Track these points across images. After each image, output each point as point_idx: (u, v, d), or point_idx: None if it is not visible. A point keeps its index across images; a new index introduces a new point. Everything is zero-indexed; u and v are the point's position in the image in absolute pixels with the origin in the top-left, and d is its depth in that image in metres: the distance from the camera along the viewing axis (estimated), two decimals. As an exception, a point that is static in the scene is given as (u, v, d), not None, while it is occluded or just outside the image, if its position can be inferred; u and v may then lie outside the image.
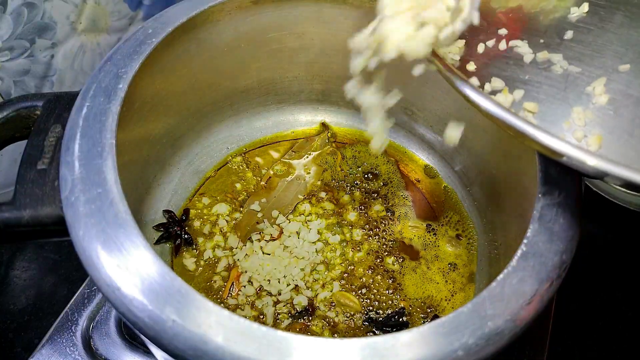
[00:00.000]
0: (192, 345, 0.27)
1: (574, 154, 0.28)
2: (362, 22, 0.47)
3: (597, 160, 0.27)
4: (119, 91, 0.35)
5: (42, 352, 0.46)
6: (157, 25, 0.40)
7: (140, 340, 0.47)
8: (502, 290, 0.30)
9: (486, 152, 0.48)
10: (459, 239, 0.50)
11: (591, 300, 0.57)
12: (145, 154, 0.46)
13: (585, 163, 0.28)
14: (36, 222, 0.32)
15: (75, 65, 0.59)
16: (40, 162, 0.34)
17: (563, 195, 0.34)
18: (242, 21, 0.46)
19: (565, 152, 0.28)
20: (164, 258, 0.47)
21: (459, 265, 0.48)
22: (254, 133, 0.57)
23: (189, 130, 0.52)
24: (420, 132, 0.56)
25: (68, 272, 0.58)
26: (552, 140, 0.28)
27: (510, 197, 0.44)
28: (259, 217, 0.50)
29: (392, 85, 0.38)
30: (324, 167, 0.54)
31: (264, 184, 0.53)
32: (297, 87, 0.56)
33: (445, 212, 0.52)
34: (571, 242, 0.33)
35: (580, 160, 0.28)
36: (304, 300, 0.45)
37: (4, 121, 0.37)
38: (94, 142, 0.33)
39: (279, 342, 0.27)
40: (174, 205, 0.51)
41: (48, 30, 0.54)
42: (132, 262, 0.29)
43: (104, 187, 0.31)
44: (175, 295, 0.28)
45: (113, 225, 0.30)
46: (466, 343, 0.28)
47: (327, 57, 0.52)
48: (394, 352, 0.27)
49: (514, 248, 0.33)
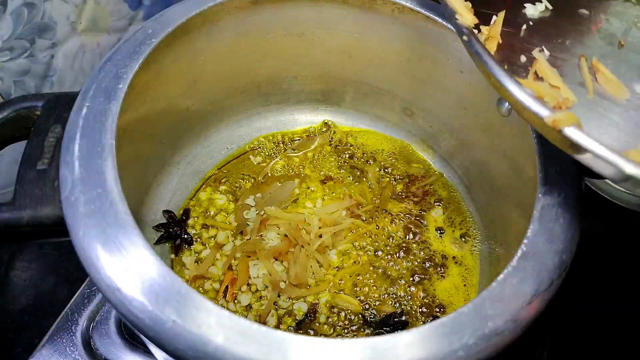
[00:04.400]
0: (192, 345, 0.27)
1: (604, 154, 0.25)
2: (362, 22, 0.48)
3: (635, 169, 0.24)
4: (119, 91, 0.35)
5: (42, 352, 0.46)
6: (157, 25, 0.40)
7: (140, 340, 0.47)
8: (502, 290, 0.30)
9: (486, 152, 0.48)
10: (462, 239, 0.50)
11: (591, 300, 0.57)
12: (145, 154, 0.46)
13: (622, 169, 0.24)
14: (36, 223, 0.32)
15: (75, 65, 0.59)
16: (40, 162, 0.34)
17: (563, 195, 0.34)
18: (242, 21, 0.46)
19: (592, 150, 0.25)
20: (164, 258, 0.47)
21: (462, 264, 0.48)
22: (254, 133, 0.57)
23: (189, 130, 0.52)
24: (420, 132, 0.56)
25: (68, 272, 0.58)
26: (577, 134, 0.25)
27: (511, 197, 0.44)
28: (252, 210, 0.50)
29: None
30: (323, 165, 0.54)
31: (261, 179, 0.53)
32: (297, 87, 0.56)
33: (448, 214, 0.52)
34: (571, 242, 0.33)
35: (614, 163, 0.25)
36: (304, 307, 0.45)
37: (4, 121, 0.37)
38: (93, 142, 0.33)
39: (279, 343, 0.27)
40: (174, 205, 0.51)
41: (48, 30, 0.54)
42: (132, 262, 0.29)
43: (103, 187, 0.31)
44: (175, 295, 0.28)
45: (113, 226, 0.30)
46: (466, 343, 0.28)
47: (327, 57, 0.52)
48: (394, 352, 0.27)
49: (514, 248, 0.33)
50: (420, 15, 0.44)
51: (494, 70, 0.28)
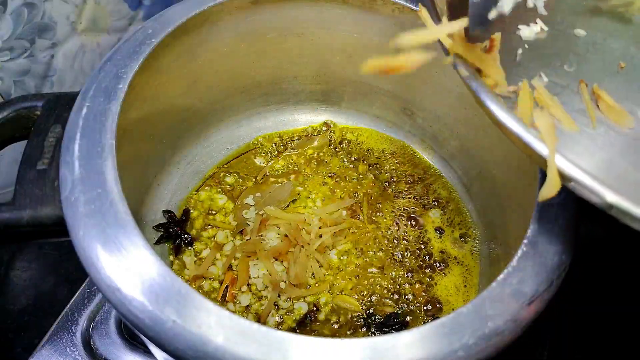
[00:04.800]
0: (192, 345, 0.27)
1: (587, 182, 0.25)
2: (362, 22, 0.48)
3: (616, 197, 0.24)
4: (119, 91, 0.35)
5: (42, 352, 0.46)
6: (157, 25, 0.40)
7: (140, 340, 0.47)
8: (502, 290, 0.30)
9: (486, 152, 0.48)
10: (462, 239, 0.50)
11: (591, 300, 0.57)
12: (145, 154, 0.46)
13: (603, 197, 0.25)
14: (36, 223, 0.32)
15: (75, 65, 0.59)
16: (40, 162, 0.34)
17: (563, 196, 0.34)
18: (242, 21, 0.46)
19: (576, 178, 0.25)
20: (164, 258, 0.47)
21: (462, 264, 0.48)
22: (254, 133, 0.57)
23: (189, 130, 0.52)
24: (420, 132, 0.56)
25: (68, 272, 0.58)
26: (563, 162, 0.25)
27: (510, 197, 0.44)
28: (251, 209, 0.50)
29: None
30: (323, 165, 0.54)
31: (261, 179, 0.53)
32: (297, 87, 0.56)
33: (448, 214, 0.52)
34: (571, 242, 0.33)
35: (595, 191, 0.25)
36: (304, 307, 0.45)
37: (4, 121, 0.37)
38: (93, 142, 0.33)
39: (279, 343, 0.27)
40: (174, 205, 0.51)
41: (48, 30, 0.54)
42: (132, 262, 0.29)
43: (103, 187, 0.31)
44: (175, 295, 0.28)
45: (113, 226, 0.30)
46: (466, 343, 0.28)
47: (327, 57, 0.52)
48: (394, 353, 0.27)
49: (514, 248, 0.33)
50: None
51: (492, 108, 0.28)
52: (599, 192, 0.25)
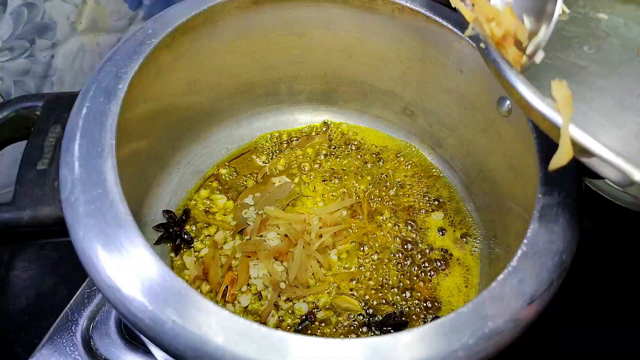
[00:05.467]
0: (193, 345, 0.27)
1: (612, 159, 0.24)
2: (362, 22, 0.48)
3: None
4: (119, 91, 0.35)
5: (42, 352, 0.47)
6: (157, 25, 0.40)
7: (140, 340, 0.47)
8: (502, 290, 0.30)
9: (486, 152, 0.48)
10: (463, 239, 0.50)
11: (591, 300, 0.57)
12: (145, 154, 0.46)
13: (631, 177, 0.24)
14: (36, 223, 0.32)
15: (75, 65, 0.59)
16: (40, 162, 0.34)
17: (563, 195, 0.34)
18: (242, 21, 0.46)
19: (600, 154, 0.24)
20: (164, 258, 0.47)
21: (462, 264, 0.48)
22: (254, 133, 0.57)
23: (189, 130, 0.52)
24: (420, 132, 0.56)
25: (68, 272, 0.58)
26: (586, 137, 0.25)
27: (510, 197, 0.44)
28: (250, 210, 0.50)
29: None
30: (323, 165, 0.54)
31: (261, 179, 0.53)
32: (297, 87, 0.56)
33: (448, 214, 0.52)
34: (571, 242, 0.33)
35: (622, 168, 0.24)
36: (305, 307, 0.45)
37: (4, 121, 0.37)
38: (93, 142, 0.33)
39: (279, 343, 0.27)
40: (174, 205, 0.51)
41: (48, 31, 0.54)
42: (132, 262, 0.29)
43: (104, 187, 0.31)
44: (175, 296, 0.28)
45: (113, 226, 0.30)
46: (466, 343, 0.28)
47: (327, 57, 0.52)
48: (394, 353, 0.27)
49: (514, 248, 0.33)
50: (420, 15, 0.44)
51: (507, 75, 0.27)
52: (625, 169, 0.24)
